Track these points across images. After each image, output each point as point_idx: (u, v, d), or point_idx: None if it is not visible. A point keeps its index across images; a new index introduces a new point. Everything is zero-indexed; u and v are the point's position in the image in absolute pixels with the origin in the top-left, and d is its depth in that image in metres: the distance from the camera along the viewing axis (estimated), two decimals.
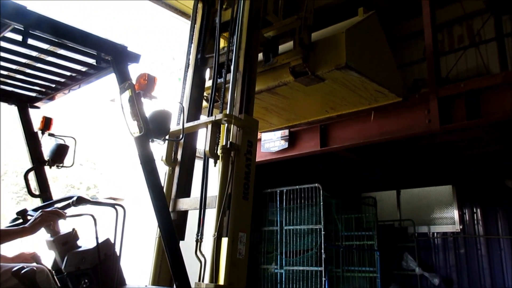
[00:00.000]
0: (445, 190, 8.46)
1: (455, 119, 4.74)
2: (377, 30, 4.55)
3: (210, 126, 3.16)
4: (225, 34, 3.98)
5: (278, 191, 7.20)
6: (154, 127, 2.49)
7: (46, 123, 3.18)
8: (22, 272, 2.08)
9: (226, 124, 3.15)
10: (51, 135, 3.20)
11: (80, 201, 2.40)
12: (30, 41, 2.29)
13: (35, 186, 3.21)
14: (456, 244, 8.06)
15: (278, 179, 7.41)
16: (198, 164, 3.68)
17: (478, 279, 7.65)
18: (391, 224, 8.69)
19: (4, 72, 2.81)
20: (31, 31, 2.21)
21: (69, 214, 2.47)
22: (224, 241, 2.90)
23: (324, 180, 6.99)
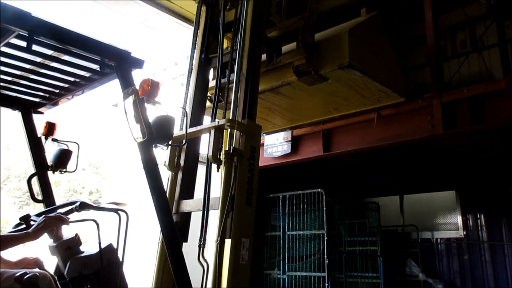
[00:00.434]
0: (449, 196, 8.41)
1: (459, 125, 4.73)
2: (380, 30, 4.57)
3: (213, 131, 3.16)
4: (229, 35, 4.00)
5: (281, 196, 7.18)
6: (158, 133, 2.50)
7: (50, 129, 3.18)
8: (25, 278, 2.08)
9: (229, 129, 3.15)
10: (55, 140, 3.21)
11: (83, 207, 2.40)
12: (35, 47, 2.30)
13: (38, 191, 3.21)
14: (460, 250, 8.00)
15: (281, 184, 7.40)
16: (201, 169, 3.68)
17: (482, 286, 7.58)
18: (394, 230, 8.65)
19: (8, 78, 2.82)
20: (36, 37, 2.22)
21: (72, 220, 2.47)
22: (227, 247, 2.89)
23: (327, 185, 6.97)
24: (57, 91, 3.03)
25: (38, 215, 2.49)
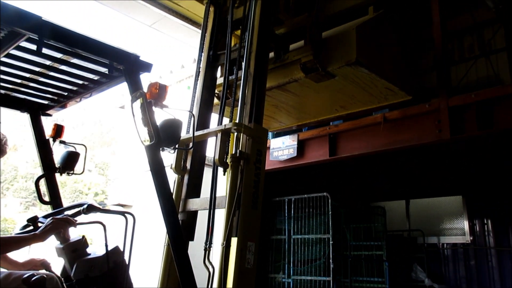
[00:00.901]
0: (455, 201, 8.36)
1: (466, 129, 4.71)
2: (388, 29, 4.55)
3: (220, 135, 3.17)
4: (237, 32, 4.00)
5: (286, 200, 7.17)
6: (165, 136, 2.51)
7: (58, 131, 3.21)
8: (32, 279, 2.10)
9: (236, 133, 3.15)
10: (62, 143, 3.23)
11: (91, 209, 2.42)
12: (44, 50, 2.32)
13: (44, 192, 3.23)
14: (466, 256, 7.95)
15: (286, 188, 7.38)
16: (207, 172, 3.69)
17: None
18: (400, 234, 8.60)
19: (18, 80, 2.85)
20: (46, 41, 2.24)
21: (79, 222, 2.48)
22: (233, 250, 2.88)
23: (333, 189, 6.95)
24: (66, 94, 3.05)
25: (46, 217, 2.51)
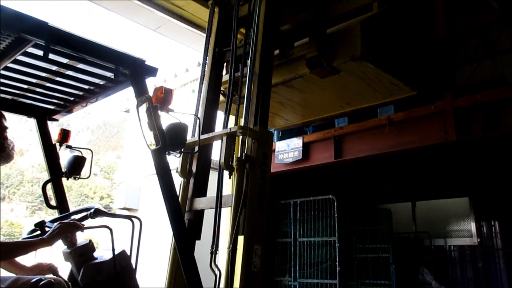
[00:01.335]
0: (462, 202, 8.30)
1: (472, 131, 4.69)
2: (393, 24, 4.53)
3: (225, 138, 3.17)
4: (242, 30, 4.01)
5: (292, 203, 7.15)
6: (171, 140, 2.51)
7: (64, 136, 3.22)
8: (40, 284, 2.11)
9: (241, 136, 3.16)
10: (69, 147, 3.25)
11: (97, 213, 2.42)
12: (50, 56, 2.33)
13: (51, 196, 3.25)
14: (474, 258, 7.88)
15: (292, 190, 7.38)
16: (212, 176, 3.69)
17: None
18: (407, 237, 8.55)
19: (25, 86, 2.87)
20: (52, 46, 2.25)
21: (86, 226, 2.49)
22: (239, 254, 2.88)
23: (338, 192, 6.93)
24: (72, 99, 3.07)
25: (53, 221, 2.52)
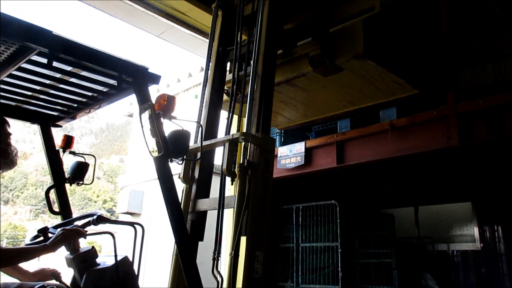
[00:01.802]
0: (464, 207, 8.28)
1: (475, 136, 4.68)
2: (395, 23, 4.55)
3: (227, 145, 3.18)
4: (245, 32, 4.02)
5: (294, 208, 7.15)
6: (173, 147, 2.52)
7: (67, 141, 3.24)
8: None
9: (243, 142, 3.16)
10: (72, 153, 3.26)
11: (100, 220, 2.43)
12: (54, 63, 2.36)
13: (53, 199, 3.26)
14: (477, 263, 7.85)
15: (294, 196, 7.37)
16: (215, 181, 3.70)
17: None
18: (409, 242, 8.52)
19: (29, 93, 2.89)
20: (56, 54, 2.28)
21: (89, 232, 2.51)
22: (241, 260, 2.88)
23: (341, 197, 6.92)
24: (75, 106, 3.09)
25: (56, 228, 2.53)
